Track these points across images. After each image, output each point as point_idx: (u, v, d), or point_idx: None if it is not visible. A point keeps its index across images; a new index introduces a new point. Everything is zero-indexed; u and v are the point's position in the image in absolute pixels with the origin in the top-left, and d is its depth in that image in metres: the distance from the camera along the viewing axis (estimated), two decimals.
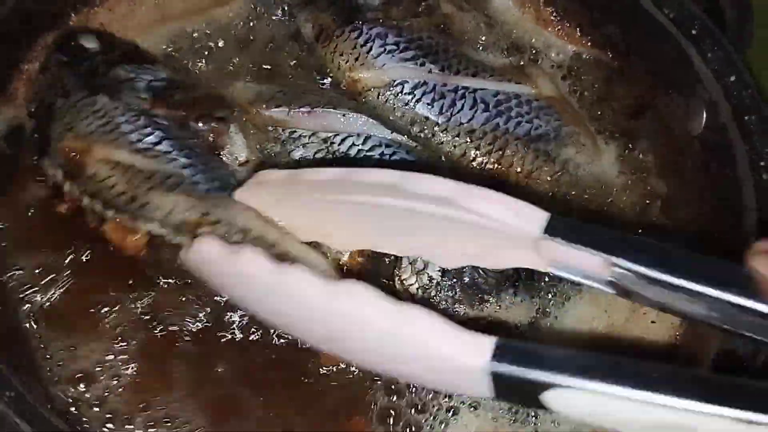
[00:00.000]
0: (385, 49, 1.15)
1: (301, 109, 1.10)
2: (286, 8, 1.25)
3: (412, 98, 1.13)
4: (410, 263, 1.03)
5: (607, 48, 1.24)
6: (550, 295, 1.07)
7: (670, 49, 1.13)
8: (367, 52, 1.15)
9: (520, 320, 1.05)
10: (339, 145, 1.09)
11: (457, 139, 1.13)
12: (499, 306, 1.04)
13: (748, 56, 1.17)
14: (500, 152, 1.13)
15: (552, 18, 1.28)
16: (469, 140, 1.13)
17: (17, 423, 0.83)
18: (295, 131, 1.10)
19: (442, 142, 1.13)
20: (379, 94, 1.14)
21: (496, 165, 1.13)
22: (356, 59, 1.15)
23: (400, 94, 1.13)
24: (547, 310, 1.06)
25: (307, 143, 1.09)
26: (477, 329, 0.82)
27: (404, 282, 1.03)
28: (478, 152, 1.13)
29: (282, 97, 1.13)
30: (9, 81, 1.11)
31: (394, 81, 1.13)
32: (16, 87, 1.11)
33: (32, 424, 0.84)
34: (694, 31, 1.11)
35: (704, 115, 1.10)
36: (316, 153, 1.09)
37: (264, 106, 1.11)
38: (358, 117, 1.11)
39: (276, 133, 1.11)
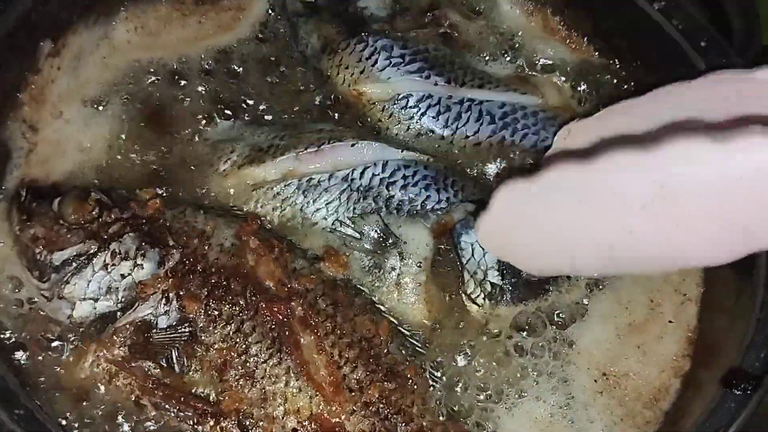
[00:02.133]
0: (390, 62, 1.15)
1: (308, 150, 1.07)
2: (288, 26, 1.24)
3: (417, 111, 1.13)
4: (471, 276, 1.04)
5: (614, 58, 1.24)
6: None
7: (678, 61, 1.12)
8: (372, 65, 1.15)
9: (577, 299, 1.06)
10: (360, 179, 1.07)
11: (463, 152, 1.13)
12: (560, 291, 1.06)
13: None
14: (507, 165, 1.13)
15: (560, 27, 1.27)
16: (475, 153, 1.13)
17: None
18: (311, 178, 1.07)
19: (447, 156, 1.13)
20: (384, 108, 1.14)
21: (503, 178, 1.12)
22: (361, 72, 1.15)
23: (405, 108, 1.13)
24: (593, 288, 1.07)
25: (329, 186, 1.07)
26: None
27: (471, 295, 1.04)
28: (484, 165, 1.13)
29: (282, 143, 1.10)
30: (17, 90, 1.12)
31: (399, 94, 1.13)
32: (23, 99, 1.12)
33: None
34: (702, 43, 1.10)
35: None
36: (341, 194, 1.07)
37: (270, 156, 1.07)
38: (366, 144, 1.08)
39: (291, 185, 1.07)
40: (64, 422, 0.94)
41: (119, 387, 0.95)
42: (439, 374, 1.01)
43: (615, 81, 1.23)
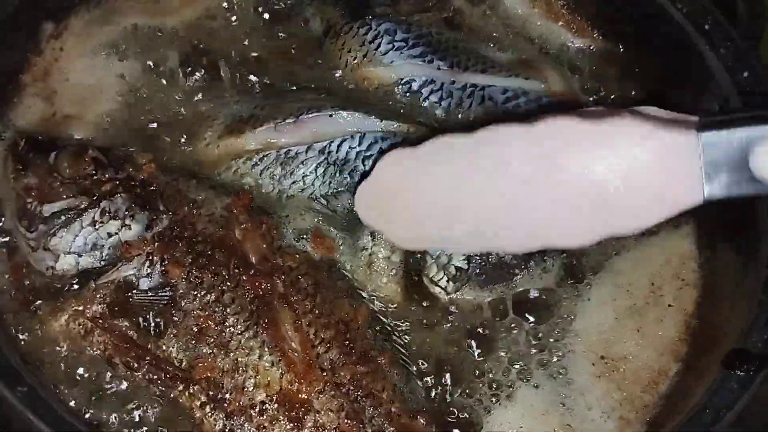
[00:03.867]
0: (393, 46, 1.15)
1: (287, 120, 1.07)
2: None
3: (420, 96, 1.13)
4: (434, 260, 1.03)
5: (618, 42, 1.23)
6: (574, 261, 1.07)
7: (682, 44, 1.12)
8: (376, 49, 1.15)
9: (551, 285, 1.05)
10: (337, 152, 1.06)
11: None
12: (531, 276, 1.05)
13: (760, 51, 1.15)
14: None
15: (563, 11, 1.26)
16: None
17: (30, 418, 0.84)
18: (289, 150, 1.07)
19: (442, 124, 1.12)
20: (386, 93, 1.14)
21: None
22: (364, 56, 1.15)
23: (408, 93, 1.13)
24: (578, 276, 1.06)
25: (306, 159, 1.06)
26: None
27: (433, 279, 1.03)
28: None
29: (262, 113, 1.09)
30: (20, 71, 1.13)
31: (402, 79, 1.13)
32: (25, 80, 1.13)
33: (44, 419, 0.85)
34: (706, 26, 1.09)
35: (717, 111, 1.09)
36: (317, 167, 1.06)
37: (250, 127, 1.07)
38: (345, 114, 1.07)
39: (270, 156, 1.07)
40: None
41: (93, 344, 0.95)
42: (416, 363, 1.00)
43: (619, 65, 1.23)
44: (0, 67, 1.10)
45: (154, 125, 1.12)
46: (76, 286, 0.98)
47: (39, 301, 0.98)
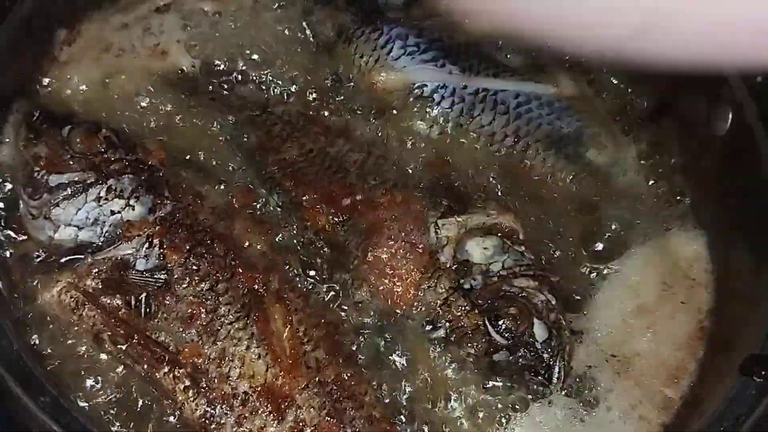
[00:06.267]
0: (405, 50, 1.15)
1: None
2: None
3: (432, 102, 1.13)
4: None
5: None
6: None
7: None
8: (387, 54, 1.15)
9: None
10: None
11: (477, 142, 1.12)
12: None
13: None
14: (521, 154, 1.12)
15: None
16: (489, 143, 1.12)
17: (53, 428, 0.84)
18: None
19: (462, 145, 1.12)
20: (399, 98, 1.13)
21: (517, 167, 1.12)
22: (376, 61, 1.15)
23: (420, 98, 1.13)
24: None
25: None
26: None
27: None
28: (498, 154, 1.12)
29: None
30: (34, 74, 1.12)
31: (414, 84, 1.13)
32: (41, 87, 1.12)
33: (68, 429, 0.85)
34: None
35: (730, 116, 1.08)
36: None
37: None
38: None
39: None
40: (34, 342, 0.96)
41: (83, 318, 0.96)
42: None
43: (630, 70, 1.22)
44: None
45: (167, 116, 1.12)
46: (71, 259, 0.98)
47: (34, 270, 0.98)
